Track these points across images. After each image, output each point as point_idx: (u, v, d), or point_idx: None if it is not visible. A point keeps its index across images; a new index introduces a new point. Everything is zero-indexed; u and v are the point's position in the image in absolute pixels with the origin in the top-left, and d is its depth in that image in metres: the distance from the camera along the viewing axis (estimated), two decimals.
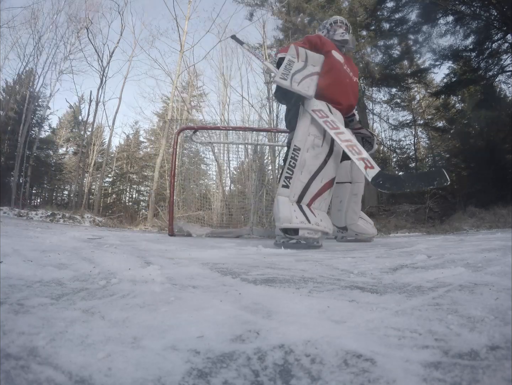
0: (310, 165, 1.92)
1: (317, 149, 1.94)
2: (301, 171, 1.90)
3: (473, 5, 7.32)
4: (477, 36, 7.53)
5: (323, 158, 1.95)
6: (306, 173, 1.91)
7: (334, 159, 2.00)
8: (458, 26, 7.66)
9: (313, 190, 1.91)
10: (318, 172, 1.93)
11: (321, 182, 1.94)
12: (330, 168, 1.98)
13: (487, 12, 7.33)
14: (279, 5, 11.34)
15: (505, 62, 7.55)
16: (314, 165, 1.93)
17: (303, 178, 1.90)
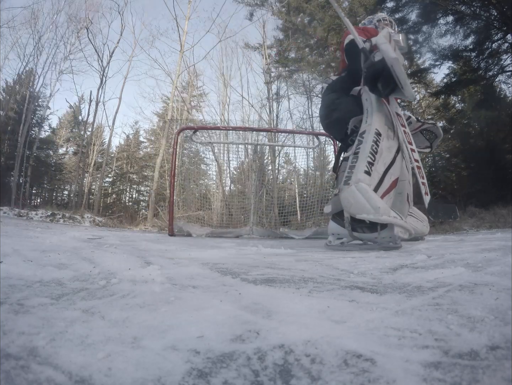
0: (386, 157, 1.72)
1: (391, 141, 1.77)
2: (378, 161, 1.68)
3: (473, 5, 7.32)
4: (477, 36, 7.53)
5: (394, 153, 1.77)
6: (381, 164, 1.69)
7: (400, 158, 1.84)
8: (458, 26, 7.66)
9: (385, 186, 1.69)
10: (390, 167, 1.74)
11: (390, 179, 1.73)
12: (397, 166, 1.80)
13: (487, 12, 7.34)
14: (279, 5, 11.33)
15: (505, 62, 7.56)
16: (388, 158, 1.73)
17: (379, 169, 1.69)
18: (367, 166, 1.64)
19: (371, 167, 1.64)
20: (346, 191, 1.62)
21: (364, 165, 1.64)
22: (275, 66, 12.39)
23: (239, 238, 4.06)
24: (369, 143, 1.68)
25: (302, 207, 5.20)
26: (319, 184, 5.20)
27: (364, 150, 1.69)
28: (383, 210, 1.53)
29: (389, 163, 1.73)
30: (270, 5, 11.71)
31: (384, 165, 1.70)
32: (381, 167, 1.69)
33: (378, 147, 1.68)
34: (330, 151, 5.57)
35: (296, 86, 12.52)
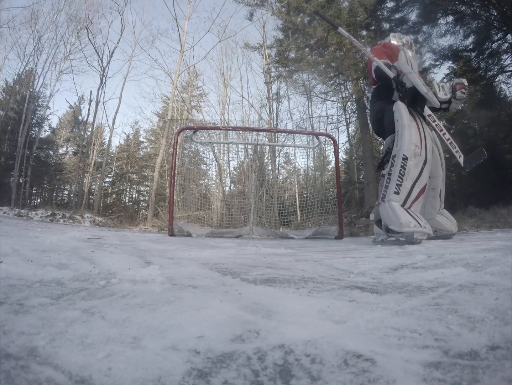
0: (413, 173, 2.17)
1: (418, 158, 2.21)
2: (406, 179, 2.15)
3: (473, 5, 7.32)
4: (477, 36, 7.53)
5: (421, 166, 2.22)
6: (409, 180, 2.16)
7: (427, 167, 2.27)
8: (458, 26, 7.66)
9: (413, 196, 2.16)
10: (417, 179, 2.19)
11: (418, 188, 2.19)
12: (425, 175, 2.25)
13: (487, 12, 7.33)
14: (279, 5, 11.33)
15: (505, 62, 7.56)
16: (415, 173, 2.18)
17: (407, 184, 2.16)
18: (396, 188, 2.15)
19: (399, 188, 2.15)
20: (382, 207, 2.19)
21: (394, 187, 2.16)
22: (275, 66, 12.39)
23: (239, 238, 4.06)
24: (398, 167, 2.18)
25: (302, 207, 5.20)
26: (319, 184, 5.20)
27: (394, 173, 2.19)
28: (404, 224, 2.00)
29: (416, 177, 2.18)
30: (270, 5, 11.71)
31: (411, 180, 2.17)
32: (409, 183, 2.16)
33: (405, 169, 2.16)
34: (330, 151, 5.57)
35: (296, 86, 12.53)
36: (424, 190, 2.27)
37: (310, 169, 7.59)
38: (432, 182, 2.64)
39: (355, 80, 10.10)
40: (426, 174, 2.27)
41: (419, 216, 2.16)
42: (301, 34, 10.85)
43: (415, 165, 2.19)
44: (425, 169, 2.25)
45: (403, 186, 2.15)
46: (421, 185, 2.23)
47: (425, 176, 2.26)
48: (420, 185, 2.22)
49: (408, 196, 2.16)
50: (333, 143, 4.88)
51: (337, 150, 4.80)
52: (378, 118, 2.63)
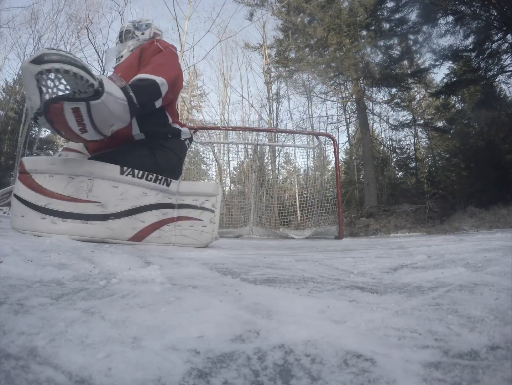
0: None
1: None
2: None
3: (473, 5, 7.32)
4: (477, 36, 7.54)
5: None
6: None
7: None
8: (458, 26, 7.66)
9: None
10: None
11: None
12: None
13: (487, 12, 7.34)
14: (279, 5, 11.33)
15: (505, 62, 7.56)
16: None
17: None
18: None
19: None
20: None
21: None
22: (275, 66, 12.39)
23: (239, 238, 4.06)
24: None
25: (302, 207, 5.20)
26: (319, 184, 5.20)
27: None
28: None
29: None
30: (270, 5, 11.71)
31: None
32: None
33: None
34: (330, 151, 5.58)
35: (296, 86, 12.53)
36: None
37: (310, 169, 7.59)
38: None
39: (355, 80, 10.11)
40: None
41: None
42: (301, 34, 10.85)
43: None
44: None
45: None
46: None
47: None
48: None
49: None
50: (333, 143, 4.88)
51: (337, 150, 4.81)
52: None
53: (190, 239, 1.66)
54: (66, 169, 1.48)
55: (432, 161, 13.29)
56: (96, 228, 1.47)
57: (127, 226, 1.53)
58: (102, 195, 1.50)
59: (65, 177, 1.47)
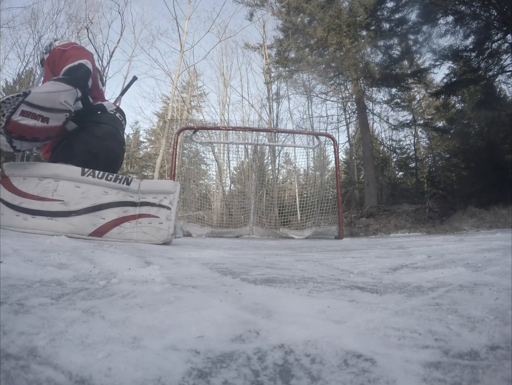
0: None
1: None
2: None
3: (473, 5, 7.32)
4: (477, 36, 7.53)
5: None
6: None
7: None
8: (458, 26, 7.66)
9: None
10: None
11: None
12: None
13: (487, 12, 7.34)
14: (279, 5, 11.33)
15: (505, 62, 7.56)
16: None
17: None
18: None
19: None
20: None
21: None
22: (275, 66, 12.39)
23: (239, 238, 4.06)
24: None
25: (302, 207, 5.20)
26: (319, 184, 5.20)
27: None
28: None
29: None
30: (270, 5, 11.71)
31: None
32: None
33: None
34: (330, 151, 5.58)
35: (296, 86, 12.54)
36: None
37: (310, 169, 7.60)
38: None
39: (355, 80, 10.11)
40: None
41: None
42: (301, 34, 10.85)
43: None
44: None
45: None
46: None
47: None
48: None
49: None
50: (333, 143, 4.88)
51: (337, 150, 4.81)
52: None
53: (149, 236, 1.72)
54: (36, 172, 1.64)
55: (432, 161, 13.29)
56: (60, 224, 1.60)
57: (87, 222, 1.64)
58: (66, 194, 1.63)
59: (35, 180, 1.62)
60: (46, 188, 1.61)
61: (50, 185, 1.62)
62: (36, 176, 1.63)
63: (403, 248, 1.74)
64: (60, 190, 1.63)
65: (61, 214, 1.61)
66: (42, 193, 1.60)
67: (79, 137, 1.89)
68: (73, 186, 1.65)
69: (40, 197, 1.60)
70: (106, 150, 1.92)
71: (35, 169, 1.64)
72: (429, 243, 2.06)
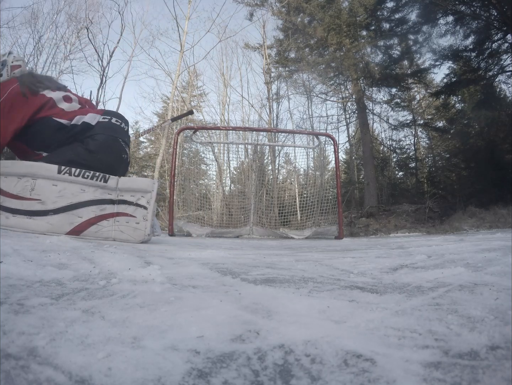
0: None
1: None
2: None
3: (473, 5, 7.32)
4: (477, 36, 7.53)
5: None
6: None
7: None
8: (458, 26, 7.66)
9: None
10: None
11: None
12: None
13: (487, 12, 7.34)
14: (279, 5, 11.33)
15: (505, 62, 7.56)
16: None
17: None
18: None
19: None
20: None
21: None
22: (275, 66, 12.39)
23: (239, 238, 4.06)
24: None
25: (302, 207, 5.20)
26: (319, 184, 5.20)
27: None
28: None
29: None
30: (270, 5, 11.71)
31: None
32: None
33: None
34: (330, 151, 5.58)
35: (296, 86, 12.53)
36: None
37: (310, 169, 7.59)
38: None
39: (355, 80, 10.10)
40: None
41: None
42: (301, 34, 10.84)
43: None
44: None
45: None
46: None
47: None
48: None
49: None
50: (333, 143, 4.88)
51: (337, 150, 4.81)
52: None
53: (126, 235, 1.71)
54: (15, 171, 1.65)
55: (432, 161, 13.29)
56: (38, 223, 1.62)
57: (64, 221, 1.64)
58: (43, 193, 1.64)
59: (15, 178, 1.63)
60: (25, 187, 1.63)
61: (28, 184, 1.63)
62: (15, 174, 1.63)
63: (403, 248, 1.74)
64: (37, 190, 1.63)
65: (39, 213, 1.62)
66: (21, 192, 1.61)
67: (70, 150, 1.83)
68: (50, 185, 1.65)
69: (19, 196, 1.61)
70: (98, 164, 1.82)
71: (14, 168, 1.65)
72: (429, 243, 2.06)
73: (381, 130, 14.23)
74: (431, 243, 2.03)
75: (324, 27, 9.52)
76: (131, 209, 1.73)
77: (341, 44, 9.66)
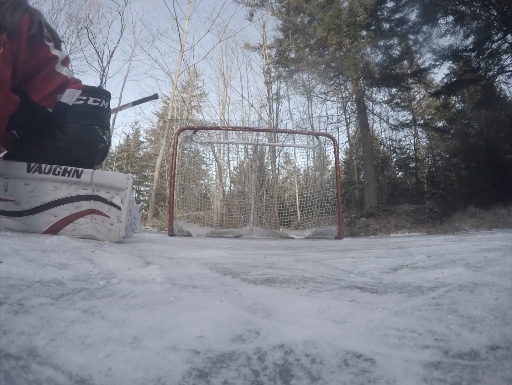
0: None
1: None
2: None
3: (473, 5, 7.31)
4: (477, 36, 7.53)
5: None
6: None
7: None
8: (458, 26, 7.65)
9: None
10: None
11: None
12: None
13: (487, 12, 7.33)
14: (279, 5, 11.33)
15: (505, 62, 7.55)
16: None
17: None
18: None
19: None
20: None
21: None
22: (275, 66, 12.39)
23: (239, 238, 4.06)
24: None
25: (302, 207, 5.19)
26: (319, 184, 5.20)
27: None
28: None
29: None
30: (270, 5, 11.71)
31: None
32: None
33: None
34: (330, 151, 5.57)
35: (296, 86, 12.53)
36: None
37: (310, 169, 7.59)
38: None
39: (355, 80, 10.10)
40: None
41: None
42: (301, 34, 10.84)
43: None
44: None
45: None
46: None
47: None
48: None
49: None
50: (333, 143, 4.88)
51: (337, 150, 4.81)
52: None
53: (102, 235, 1.64)
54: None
55: (432, 161, 13.29)
56: (16, 223, 1.59)
57: (40, 221, 1.60)
58: (16, 193, 1.59)
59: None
60: (0, 187, 1.58)
61: (2, 184, 1.58)
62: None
63: (403, 248, 1.74)
64: (11, 190, 1.59)
65: (15, 213, 1.58)
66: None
67: (39, 148, 1.67)
68: (22, 184, 1.59)
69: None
70: (70, 159, 1.67)
71: None
72: (429, 243, 2.06)
73: (381, 130, 14.24)
74: (431, 243, 2.03)
75: (324, 27, 9.51)
76: (106, 208, 1.63)
77: (341, 44, 9.66)
